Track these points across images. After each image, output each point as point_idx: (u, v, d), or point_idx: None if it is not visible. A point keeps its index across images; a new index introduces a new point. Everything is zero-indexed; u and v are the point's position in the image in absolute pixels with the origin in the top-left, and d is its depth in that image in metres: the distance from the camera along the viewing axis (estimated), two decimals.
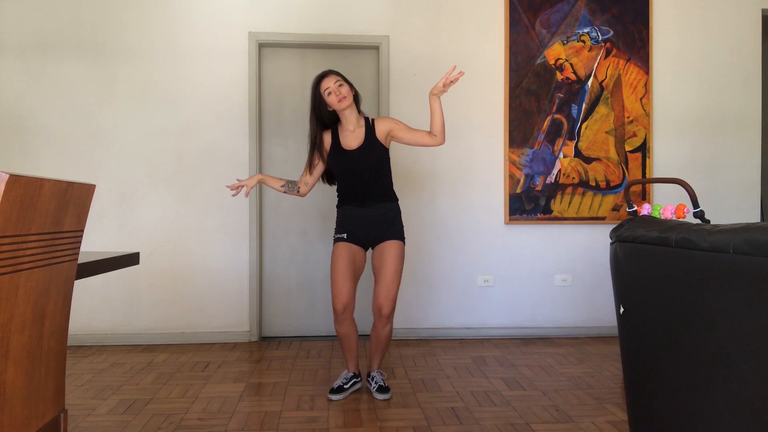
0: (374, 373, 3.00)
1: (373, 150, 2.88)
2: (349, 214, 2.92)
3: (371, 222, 2.89)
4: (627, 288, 1.73)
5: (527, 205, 4.23)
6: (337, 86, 2.82)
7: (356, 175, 2.88)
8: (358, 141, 2.89)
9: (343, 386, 2.93)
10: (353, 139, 2.90)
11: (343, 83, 2.85)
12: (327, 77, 2.86)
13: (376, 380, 2.95)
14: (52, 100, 4.00)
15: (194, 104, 4.08)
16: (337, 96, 2.82)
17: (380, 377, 2.97)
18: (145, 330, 4.06)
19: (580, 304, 4.28)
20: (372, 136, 2.89)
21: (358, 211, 2.90)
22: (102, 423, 2.60)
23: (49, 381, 1.39)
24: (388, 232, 2.89)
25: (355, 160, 2.87)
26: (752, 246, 1.18)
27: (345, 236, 2.91)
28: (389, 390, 2.93)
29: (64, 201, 1.35)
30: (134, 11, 4.05)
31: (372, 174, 2.88)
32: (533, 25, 4.22)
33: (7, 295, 1.18)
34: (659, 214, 1.89)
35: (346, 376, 2.99)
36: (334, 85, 2.83)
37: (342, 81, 2.86)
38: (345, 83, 2.87)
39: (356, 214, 2.91)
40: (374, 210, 2.89)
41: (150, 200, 4.06)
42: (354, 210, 2.91)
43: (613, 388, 3.06)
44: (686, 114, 4.36)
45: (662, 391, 1.56)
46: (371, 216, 2.89)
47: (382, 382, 2.95)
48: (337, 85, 2.83)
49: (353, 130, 2.91)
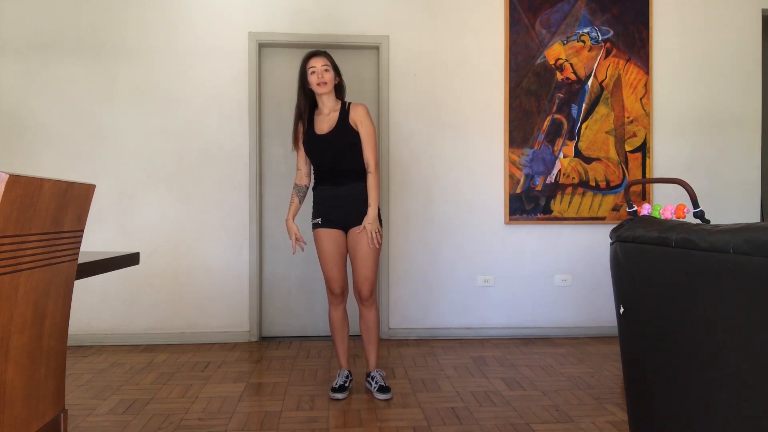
0: (374, 372, 2.99)
1: (343, 135, 2.90)
2: (324, 195, 2.95)
3: (345, 202, 2.91)
4: (627, 288, 1.73)
5: (527, 205, 4.23)
6: (322, 69, 2.86)
7: (328, 157, 2.91)
8: (329, 125, 2.92)
9: (344, 385, 2.94)
10: (326, 122, 2.93)
11: (329, 69, 2.88)
12: (317, 57, 2.89)
13: (377, 380, 2.95)
14: (52, 100, 4.00)
15: (194, 104, 4.08)
16: (319, 78, 2.84)
17: (380, 377, 2.97)
18: (145, 330, 4.06)
19: (580, 304, 4.28)
20: (345, 121, 2.91)
21: (333, 191, 2.93)
22: (102, 423, 2.60)
23: (49, 381, 1.39)
24: (363, 215, 2.88)
25: (325, 144, 2.90)
26: (752, 246, 1.18)
27: (320, 221, 2.94)
28: (390, 390, 2.93)
29: (64, 201, 1.34)
30: (134, 11, 4.05)
31: (343, 156, 2.90)
32: (533, 25, 4.22)
33: (7, 295, 1.18)
34: (659, 214, 1.89)
35: (344, 373, 3.00)
36: (320, 66, 2.86)
37: (329, 66, 2.89)
38: (331, 69, 2.89)
39: (331, 194, 2.93)
40: (347, 189, 2.91)
41: (150, 200, 4.06)
42: (328, 190, 2.94)
43: (613, 388, 3.06)
44: (686, 114, 4.36)
45: (662, 391, 1.55)
46: (345, 195, 2.91)
47: (382, 381, 2.95)
48: (323, 69, 2.86)
49: (328, 113, 2.94)
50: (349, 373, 3.02)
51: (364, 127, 2.91)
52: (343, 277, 2.95)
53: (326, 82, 2.85)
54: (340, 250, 2.94)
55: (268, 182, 4.22)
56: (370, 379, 2.99)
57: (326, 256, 2.93)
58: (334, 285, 2.94)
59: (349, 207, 2.90)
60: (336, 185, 2.92)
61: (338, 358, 3.05)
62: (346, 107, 2.95)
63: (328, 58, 2.91)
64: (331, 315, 3.01)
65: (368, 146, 2.90)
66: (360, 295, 2.93)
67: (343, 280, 2.96)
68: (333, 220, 2.92)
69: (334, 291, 2.95)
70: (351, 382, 3.01)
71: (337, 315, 3.00)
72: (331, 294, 2.97)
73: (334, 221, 2.92)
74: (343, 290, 2.96)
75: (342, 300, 2.99)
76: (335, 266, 2.93)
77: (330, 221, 2.93)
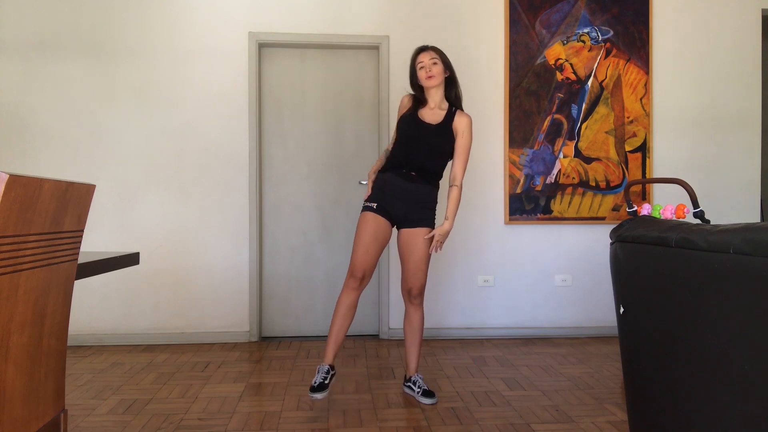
0: (414, 377, 2.92)
1: (443, 133, 2.85)
2: (391, 182, 2.84)
3: (409, 198, 2.83)
4: (627, 288, 1.73)
5: (527, 205, 4.22)
6: (430, 63, 2.84)
7: (419, 146, 2.84)
8: (434, 119, 2.87)
9: (324, 382, 2.70)
10: (431, 115, 2.88)
11: (438, 62, 2.85)
12: (425, 51, 2.88)
13: (419, 384, 2.88)
14: (52, 100, 4.00)
15: (194, 104, 4.08)
16: (427, 72, 2.83)
17: (422, 380, 2.90)
18: (145, 330, 4.06)
19: (579, 304, 4.28)
20: (449, 123, 2.87)
21: (402, 183, 2.83)
22: (102, 423, 2.60)
23: (49, 381, 1.39)
24: (422, 218, 2.84)
25: (423, 132, 2.84)
26: (752, 246, 1.18)
27: (375, 206, 2.83)
28: (434, 394, 2.86)
29: (64, 201, 1.34)
30: (134, 11, 4.05)
31: (433, 153, 2.85)
32: (533, 25, 4.22)
33: (7, 295, 1.18)
34: (659, 214, 1.89)
35: (324, 368, 2.75)
36: (428, 60, 2.84)
37: (438, 60, 2.86)
38: (440, 63, 2.86)
39: (398, 185, 2.83)
40: (416, 188, 2.84)
41: (150, 200, 4.06)
42: (398, 181, 2.84)
43: (613, 388, 3.06)
44: (686, 114, 4.36)
45: (662, 391, 1.55)
46: (411, 191, 2.83)
47: (425, 385, 2.88)
48: (431, 62, 2.84)
49: (433, 108, 2.90)
50: (329, 368, 2.75)
51: (464, 138, 2.86)
52: (372, 265, 2.80)
53: (434, 75, 2.83)
54: (382, 239, 2.82)
55: (268, 182, 4.22)
56: (411, 384, 2.91)
57: (366, 239, 2.78)
58: (359, 268, 2.77)
59: (413, 205, 2.83)
60: (407, 180, 2.83)
61: (327, 349, 2.80)
62: (453, 111, 2.90)
63: (437, 52, 2.88)
64: (342, 299, 2.80)
65: (461, 158, 2.86)
66: (410, 294, 2.87)
67: (371, 267, 2.80)
68: (389, 211, 2.83)
69: (356, 274, 2.77)
70: (332, 378, 2.76)
71: (348, 300, 2.79)
72: (351, 277, 2.78)
73: (390, 212, 2.83)
74: (365, 275, 2.79)
75: (360, 286, 2.80)
76: (370, 252, 2.78)
77: (386, 210, 2.82)
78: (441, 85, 2.89)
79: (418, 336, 2.94)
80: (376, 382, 3.19)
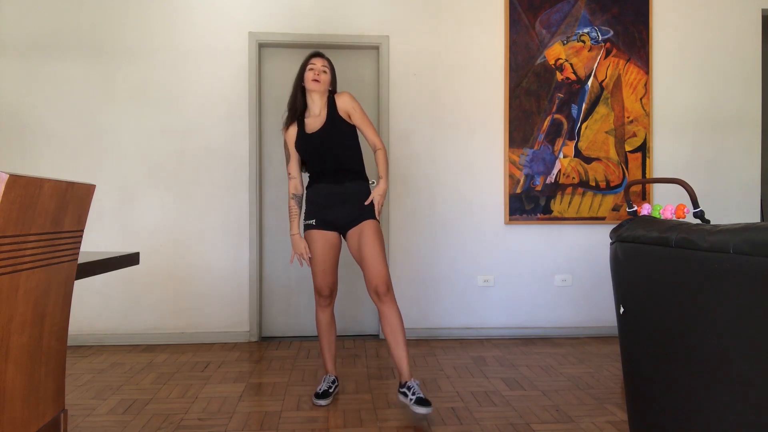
0: (410, 382, 2.66)
1: (335, 127, 2.84)
2: (321, 193, 2.84)
3: (344, 201, 2.82)
4: (627, 288, 1.73)
5: (527, 205, 4.22)
6: (321, 68, 2.86)
7: (324, 153, 2.83)
8: (320, 122, 2.87)
9: (328, 390, 2.87)
10: (317, 122, 2.88)
11: (328, 72, 2.88)
12: (319, 57, 2.90)
13: (414, 390, 2.62)
14: (52, 100, 4.00)
15: (194, 104, 4.08)
16: (315, 75, 2.83)
17: (417, 386, 2.65)
18: (145, 330, 4.06)
19: (580, 304, 4.28)
20: (334, 114, 2.86)
21: (331, 189, 2.83)
22: (102, 423, 2.60)
23: (49, 381, 1.39)
24: (362, 213, 2.81)
25: (319, 140, 2.83)
26: (752, 246, 1.18)
27: (314, 222, 2.85)
28: (430, 402, 2.59)
29: (64, 201, 1.34)
30: (134, 11, 4.05)
31: (340, 149, 2.84)
32: (533, 25, 4.22)
33: (7, 295, 1.18)
34: (659, 214, 1.89)
35: (329, 378, 2.94)
36: (320, 65, 2.86)
37: (328, 70, 2.89)
38: (330, 74, 2.89)
39: (329, 192, 2.83)
40: (347, 188, 2.83)
41: (150, 200, 4.06)
42: (326, 188, 2.83)
43: (613, 388, 3.06)
44: (686, 114, 4.36)
45: (662, 391, 1.55)
46: (344, 194, 2.82)
47: (420, 392, 2.61)
48: (322, 68, 2.86)
49: (318, 114, 2.89)
50: (335, 379, 2.95)
51: (356, 112, 2.87)
52: (334, 280, 2.88)
53: (321, 81, 2.83)
54: (333, 253, 2.86)
55: (268, 182, 4.22)
56: (405, 389, 2.65)
57: (319, 258, 2.83)
58: (323, 288, 2.86)
59: (350, 206, 2.81)
60: (335, 183, 2.83)
61: (324, 362, 2.99)
62: (332, 99, 2.90)
63: (330, 63, 2.91)
64: (319, 317, 2.94)
65: (367, 129, 2.88)
66: (377, 293, 2.72)
67: (334, 283, 2.89)
68: (329, 222, 2.84)
69: (323, 293, 2.87)
70: (336, 388, 2.93)
71: (324, 317, 2.94)
72: (319, 296, 2.89)
73: (330, 222, 2.84)
74: (332, 291, 2.89)
75: (330, 302, 2.92)
76: (328, 269, 2.85)
77: (326, 222, 2.84)
78: (324, 95, 2.89)
79: (401, 337, 2.71)
80: (376, 382, 3.19)
